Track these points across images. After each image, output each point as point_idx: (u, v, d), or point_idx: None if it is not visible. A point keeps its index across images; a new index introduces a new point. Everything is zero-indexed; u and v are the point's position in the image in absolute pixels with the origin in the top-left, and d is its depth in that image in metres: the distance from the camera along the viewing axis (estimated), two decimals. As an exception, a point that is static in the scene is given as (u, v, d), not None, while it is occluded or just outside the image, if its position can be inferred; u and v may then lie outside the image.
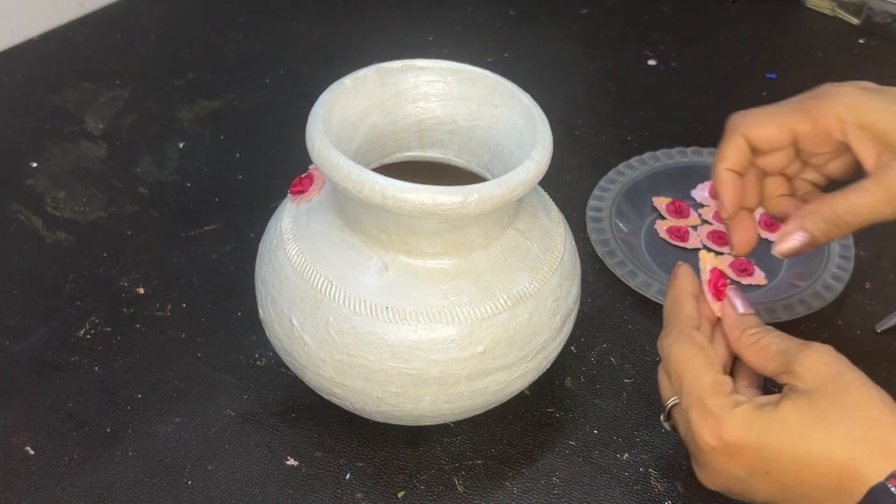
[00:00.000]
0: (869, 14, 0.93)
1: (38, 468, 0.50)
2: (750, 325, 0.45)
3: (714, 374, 0.42)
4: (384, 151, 0.51)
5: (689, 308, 0.46)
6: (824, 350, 0.41)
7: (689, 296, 0.46)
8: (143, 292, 0.61)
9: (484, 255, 0.45)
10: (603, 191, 0.69)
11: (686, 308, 0.46)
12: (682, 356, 0.44)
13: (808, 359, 0.41)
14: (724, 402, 0.41)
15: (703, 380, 0.42)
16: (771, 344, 0.43)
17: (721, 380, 0.42)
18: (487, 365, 0.45)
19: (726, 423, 0.40)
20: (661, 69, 0.87)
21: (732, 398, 0.41)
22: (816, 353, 0.41)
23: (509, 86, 0.48)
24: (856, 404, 0.39)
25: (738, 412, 0.40)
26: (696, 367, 0.43)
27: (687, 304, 0.46)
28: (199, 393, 0.54)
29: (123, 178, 0.70)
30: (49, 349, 0.56)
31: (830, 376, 0.40)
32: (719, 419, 0.40)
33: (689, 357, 0.43)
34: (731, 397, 0.41)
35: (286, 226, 0.48)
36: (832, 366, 0.40)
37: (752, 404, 0.41)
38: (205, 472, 0.50)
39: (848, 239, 0.65)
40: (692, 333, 0.44)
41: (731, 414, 0.40)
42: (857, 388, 0.39)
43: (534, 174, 0.43)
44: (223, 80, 0.82)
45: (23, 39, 0.86)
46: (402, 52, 0.52)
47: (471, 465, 0.51)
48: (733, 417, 0.40)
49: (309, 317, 0.45)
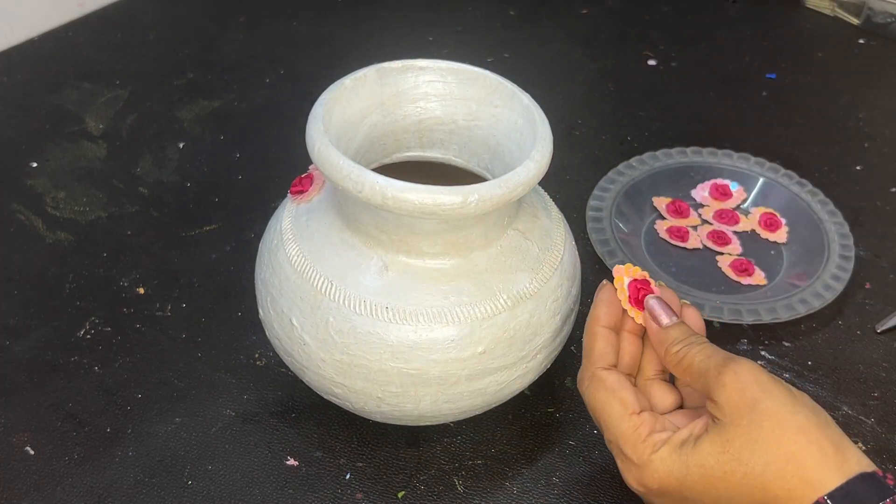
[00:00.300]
0: (869, 14, 0.93)
1: (38, 468, 0.50)
2: (673, 341, 0.43)
3: (629, 420, 0.42)
4: (384, 151, 0.51)
5: (599, 345, 0.44)
6: (743, 373, 0.40)
7: (600, 329, 0.45)
8: (143, 292, 0.61)
9: (484, 256, 0.45)
10: (603, 191, 0.69)
11: (597, 345, 0.44)
12: (596, 403, 0.43)
13: (725, 388, 0.39)
14: (642, 448, 0.41)
15: (620, 427, 0.42)
16: (692, 363, 0.42)
17: (636, 423, 0.41)
18: (487, 365, 0.45)
19: (647, 471, 0.40)
20: (661, 69, 0.87)
21: (650, 442, 0.41)
22: (733, 379, 0.39)
23: (509, 86, 0.48)
24: (770, 439, 0.38)
25: (656, 459, 0.40)
26: (611, 414, 0.42)
27: (598, 339, 0.44)
28: (199, 393, 0.54)
29: (123, 178, 0.70)
30: (49, 349, 0.56)
31: (746, 407, 0.39)
32: (640, 467, 0.41)
33: (602, 404, 0.43)
34: (648, 441, 0.41)
35: (286, 226, 0.48)
36: (747, 393, 0.39)
37: (670, 445, 0.40)
38: (205, 472, 0.50)
39: (848, 239, 0.65)
40: (603, 377, 0.43)
41: (649, 461, 0.40)
42: (772, 418, 0.38)
43: (534, 174, 0.43)
44: (223, 80, 0.82)
45: (23, 39, 0.86)
46: (402, 52, 0.52)
47: (471, 465, 0.51)
48: (652, 465, 0.40)
49: (309, 317, 0.45)
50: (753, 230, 0.68)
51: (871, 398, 0.56)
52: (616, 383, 0.43)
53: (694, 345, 0.42)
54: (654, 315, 0.44)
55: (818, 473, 0.37)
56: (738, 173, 0.71)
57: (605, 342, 0.45)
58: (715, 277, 0.64)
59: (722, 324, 0.60)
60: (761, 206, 0.69)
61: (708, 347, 0.42)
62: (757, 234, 0.67)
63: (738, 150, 0.73)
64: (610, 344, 0.45)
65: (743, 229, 0.68)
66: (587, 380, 0.44)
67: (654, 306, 0.45)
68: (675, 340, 0.43)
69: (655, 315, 0.44)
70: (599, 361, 0.44)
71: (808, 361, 0.58)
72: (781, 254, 0.66)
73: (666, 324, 0.44)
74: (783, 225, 0.68)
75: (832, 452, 0.37)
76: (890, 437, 0.53)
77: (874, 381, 0.57)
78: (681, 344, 0.43)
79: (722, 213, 0.69)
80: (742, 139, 0.76)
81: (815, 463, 0.37)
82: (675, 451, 0.40)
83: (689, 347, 0.42)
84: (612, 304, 0.45)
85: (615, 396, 0.42)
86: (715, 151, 0.73)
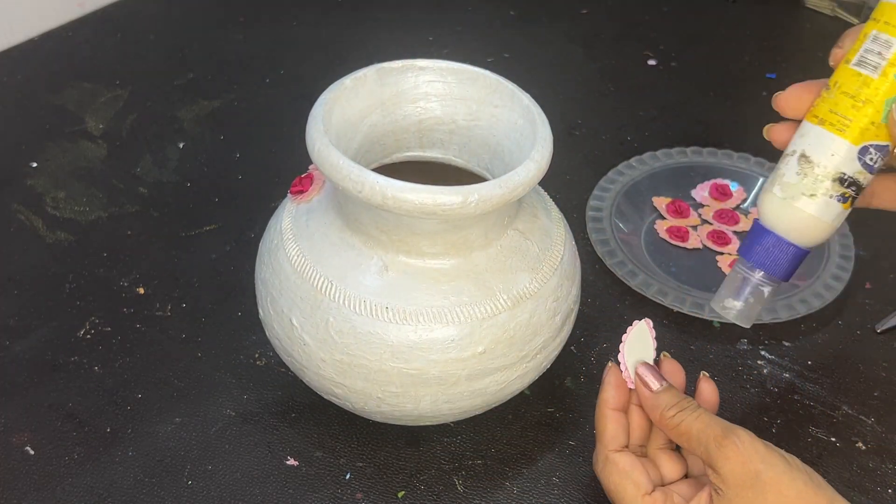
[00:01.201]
0: (869, 14, 0.93)
1: (38, 468, 0.50)
2: (666, 406, 0.45)
3: (642, 501, 0.44)
4: (384, 151, 0.51)
5: (611, 427, 0.46)
6: (742, 445, 0.41)
7: (609, 412, 0.46)
8: (143, 292, 0.61)
9: (484, 256, 0.45)
10: (603, 191, 0.69)
11: (609, 428, 0.46)
12: (610, 486, 0.45)
13: (728, 461, 0.41)
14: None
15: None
16: (690, 431, 0.44)
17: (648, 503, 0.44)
18: (487, 365, 0.45)
19: None
20: (661, 69, 0.87)
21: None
22: (735, 452, 0.41)
23: (509, 86, 0.48)
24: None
25: None
26: (625, 496, 0.44)
27: (609, 422, 0.46)
28: (199, 393, 0.54)
29: (123, 178, 0.70)
30: (49, 349, 0.56)
31: (750, 479, 0.41)
32: None
33: (616, 486, 0.45)
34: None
35: (286, 226, 0.48)
36: (750, 465, 0.41)
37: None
38: (205, 472, 0.50)
39: (848, 239, 0.65)
40: (616, 460, 0.45)
41: None
42: (773, 488, 0.40)
43: (534, 174, 0.43)
44: (223, 80, 0.82)
45: (23, 39, 0.86)
46: (402, 52, 0.52)
47: (471, 465, 0.51)
48: None
49: (309, 317, 0.45)
50: (753, 230, 0.68)
51: (871, 398, 0.56)
52: (628, 465, 0.45)
53: (688, 410, 0.44)
54: (644, 382, 0.46)
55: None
56: (738, 173, 0.71)
57: (616, 424, 0.46)
58: (715, 277, 0.64)
59: (722, 324, 0.60)
60: (761, 206, 0.69)
61: (704, 415, 0.44)
62: (757, 234, 0.67)
63: (738, 150, 0.73)
64: (620, 425, 0.46)
65: (743, 229, 0.68)
66: (601, 462, 0.46)
67: (644, 373, 0.46)
68: (667, 405, 0.45)
69: (645, 382, 0.46)
70: (611, 444, 0.46)
71: (808, 361, 0.58)
72: (781, 254, 0.66)
73: (656, 389, 0.46)
74: (783, 225, 0.67)
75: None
76: (890, 437, 0.53)
77: (874, 381, 0.57)
78: (675, 409, 0.45)
79: (722, 213, 0.69)
80: (742, 139, 0.76)
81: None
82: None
83: (684, 414, 0.44)
84: (620, 387, 0.47)
85: (628, 479, 0.44)
86: (715, 151, 0.73)
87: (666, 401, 0.45)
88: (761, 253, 0.45)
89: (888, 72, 0.41)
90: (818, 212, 0.43)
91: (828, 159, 0.43)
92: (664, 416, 0.45)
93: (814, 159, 0.43)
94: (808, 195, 0.43)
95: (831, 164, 0.43)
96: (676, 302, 0.60)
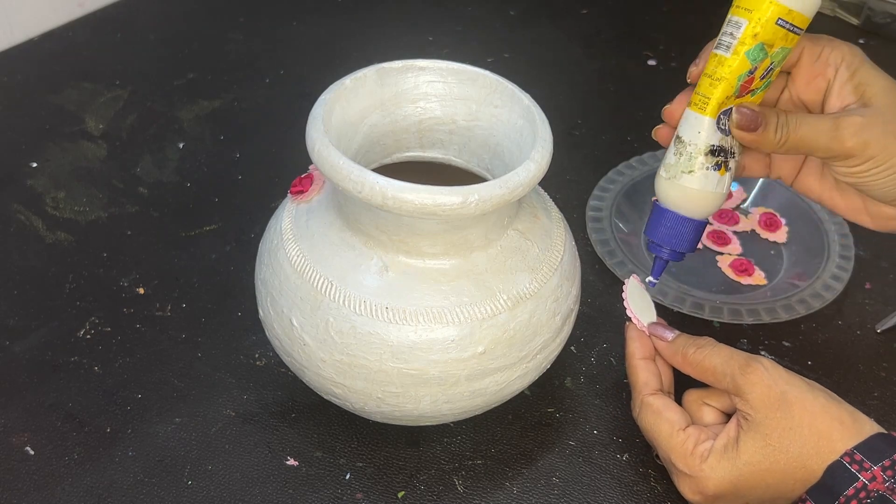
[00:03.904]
0: (869, 14, 0.93)
1: (38, 468, 0.50)
2: (685, 346, 0.49)
3: (676, 436, 0.46)
4: (384, 152, 0.51)
5: (642, 375, 0.49)
6: (766, 370, 0.45)
7: (638, 361, 0.50)
8: (143, 292, 0.61)
9: (484, 256, 0.45)
10: (603, 191, 0.69)
11: (640, 376, 0.49)
12: (647, 426, 0.48)
13: (754, 386, 0.45)
14: (692, 461, 0.45)
15: (670, 443, 0.46)
16: (714, 366, 0.47)
17: (683, 438, 0.46)
18: (487, 365, 0.45)
19: (701, 481, 0.45)
20: (661, 69, 0.87)
21: (698, 453, 0.45)
22: (759, 376, 0.45)
23: (509, 86, 0.48)
24: (802, 424, 0.43)
25: (707, 468, 0.45)
26: (661, 434, 0.47)
27: (640, 371, 0.50)
28: (199, 393, 0.54)
29: (123, 178, 0.70)
30: (49, 349, 0.56)
31: (776, 400, 0.44)
32: (694, 478, 0.45)
33: (652, 426, 0.47)
34: (696, 453, 0.45)
35: (286, 226, 0.48)
36: (775, 388, 0.44)
37: (716, 453, 0.45)
38: (205, 472, 0.50)
39: (848, 239, 0.65)
40: (650, 402, 0.48)
41: (701, 470, 0.45)
42: (799, 405, 0.44)
43: (534, 174, 0.43)
44: (223, 80, 0.82)
45: (23, 39, 0.86)
46: (402, 52, 0.52)
47: (471, 465, 0.51)
48: (704, 473, 0.45)
49: (309, 317, 0.45)
50: (753, 230, 0.68)
51: (871, 398, 0.56)
52: (662, 406, 0.48)
53: (707, 347, 0.48)
54: (657, 335, 0.50)
55: (844, 442, 0.43)
56: (738, 173, 0.71)
57: (647, 372, 0.50)
58: (715, 277, 0.64)
59: (722, 324, 0.60)
60: (761, 206, 0.69)
61: (724, 349, 0.47)
62: (757, 234, 0.67)
63: (738, 150, 0.73)
64: (651, 372, 0.50)
65: (743, 229, 0.68)
66: (637, 407, 0.49)
67: (655, 329, 0.51)
68: (686, 345, 0.49)
69: (659, 335, 0.50)
70: (645, 389, 0.49)
71: (808, 361, 0.58)
72: (781, 254, 0.66)
73: (671, 338, 0.50)
74: (783, 225, 0.68)
75: (850, 423, 0.43)
76: (890, 438, 0.53)
77: (874, 381, 0.57)
78: (693, 347, 0.48)
79: (722, 213, 0.69)
80: (742, 139, 0.76)
81: (840, 435, 0.43)
82: (722, 457, 0.45)
83: (704, 350, 0.48)
84: (642, 338, 0.51)
85: (662, 417, 0.47)
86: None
87: (683, 343, 0.49)
88: (663, 230, 0.50)
89: (739, 50, 0.45)
90: (700, 184, 0.48)
91: (696, 136, 0.47)
92: (686, 356, 0.48)
93: (685, 139, 0.48)
94: (688, 172, 0.48)
95: (700, 140, 0.47)
96: (676, 302, 0.60)
